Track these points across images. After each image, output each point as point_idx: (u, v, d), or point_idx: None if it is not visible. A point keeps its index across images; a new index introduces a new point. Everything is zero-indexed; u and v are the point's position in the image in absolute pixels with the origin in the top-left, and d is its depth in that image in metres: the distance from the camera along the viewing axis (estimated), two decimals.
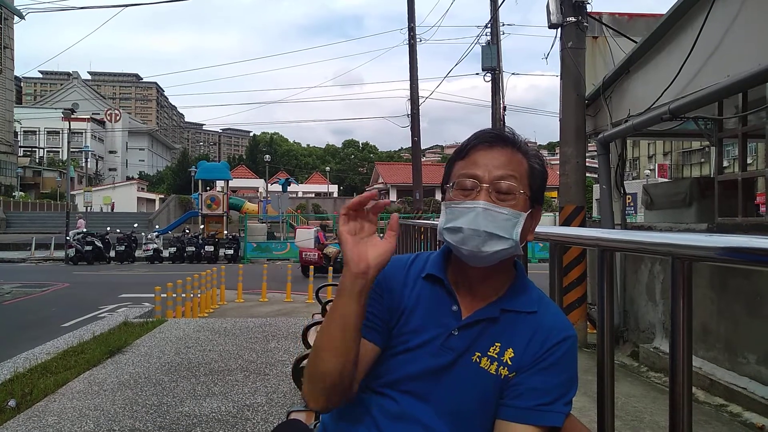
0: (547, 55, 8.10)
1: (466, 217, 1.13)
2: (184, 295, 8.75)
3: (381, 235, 1.13)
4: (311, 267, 12.39)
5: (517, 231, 1.14)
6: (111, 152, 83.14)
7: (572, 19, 6.54)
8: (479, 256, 1.14)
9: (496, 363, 1.17)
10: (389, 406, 1.18)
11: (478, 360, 1.17)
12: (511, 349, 1.17)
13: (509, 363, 1.17)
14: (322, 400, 1.13)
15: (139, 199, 56.63)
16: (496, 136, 1.20)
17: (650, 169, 45.74)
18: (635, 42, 6.29)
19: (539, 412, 1.12)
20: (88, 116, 72.52)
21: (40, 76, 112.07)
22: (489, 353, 1.18)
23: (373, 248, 1.10)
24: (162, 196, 52.83)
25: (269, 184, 46.51)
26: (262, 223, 27.55)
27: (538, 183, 1.20)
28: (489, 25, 17.87)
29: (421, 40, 21.62)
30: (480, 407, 1.16)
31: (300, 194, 54.67)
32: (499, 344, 1.18)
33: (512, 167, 1.16)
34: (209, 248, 20.82)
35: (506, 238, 1.13)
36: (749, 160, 6.37)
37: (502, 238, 1.13)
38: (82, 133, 68.75)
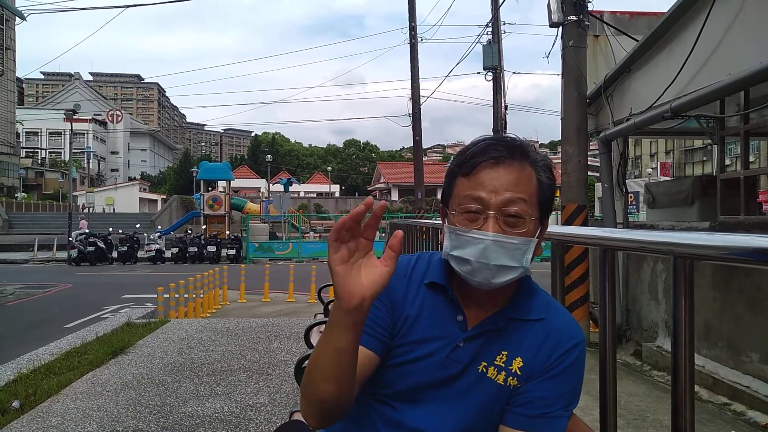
0: (549, 54, 8.09)
1: (474, 249, 1.07)
2: (186, 295, 8.76)
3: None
4: None
5: (528, 258, 1.09)
6: (113, 153, 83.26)
7: (573, 17, 6.53)
8: (489, 286, 1.10)
9: (504, 373, 1.14)
10: (392, 416, 1.16)
11: (484, 369, 1.15)
12: (519, 358, 1.14)
13: (518, 373, 1.14)
14: (320, 421, 1.08)
15: (141, 199, 56.71)
16: (503, 150, 1.10)
17: (652, 168, 45.69)
18: (636, 40, 6.28)
19: (545, 419, 1.11)
20: (90, 117, 72.62)
21: (42, 77, 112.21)
22: (495, 362, 1.15)
23: (368, 274, 0.94)
24: (164, 197, 52.90)
25: (271, 184, 46.59)
26: (264, 223, 27.59)
27: (548, 197, 1.13)
28: (490, 24, 17.85)
29: (422, 40, 21.58)
30: (485, 416, 1.15)
31: (302, 194, 54.72)
32: (506, 353, 1.15)
33: (521, 188, 1.08)
34: (211, 248, 20.84)
35: (516, 267, 1.08)
36: (751, 158, 6.37)
37: (513, 267, 1.08)
38: (84, 134, 68.85)
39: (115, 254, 20.96)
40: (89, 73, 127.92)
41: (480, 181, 1.08)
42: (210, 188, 28.13)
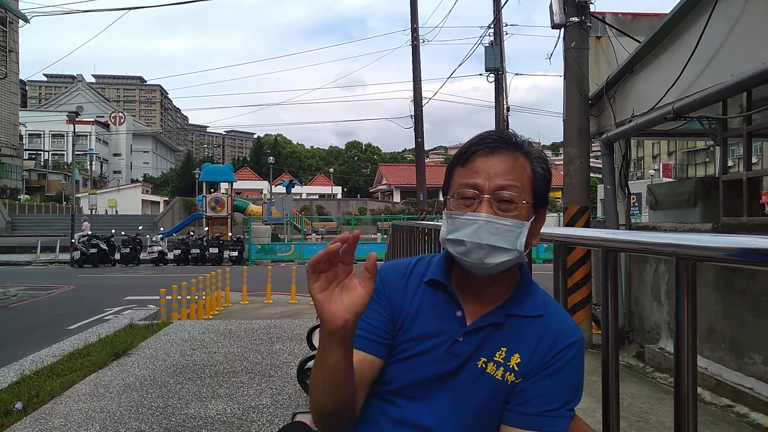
0: (551, 55, 8.12)
1: (468, 230, 1.11)
2: (189, 297, 8.77)
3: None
4: None
5: (521, 241, 1.12)
6: (115, 155, 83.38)
7: (575, 19, 6.53)
8: (483, 267, 1.12)
9: (502, 368, 1.15)
10: (393, 412, 1.18)
11: (483, 365, 1.16)
12: (517, 354, 1.16)
13: (516, 369, 1.15)
14: (327, 429, 1.16)
15: (143, 201, 56.82)
16: (498, 141, 1.15)
17: (654, 169, 45.62)
18: (639, 42, 6.28)
19: (545, 418, 1.11)
20: (93, 119, 72.75)
21: (45, 79, 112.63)
22: (495, 358, 1.16)
23: (348, 297, 0.99)
24: (166, 199, 52.98)
25: (273, 186, 46.57)
26: (267, 224, 27.58)
27: (542, 187, 1.17)
28: (492, 26, 17.86)
29: (424, 41, 21.58)
30: (484, 412, 1.15)
31: (304, 196, 54.72)
32: (504, 349, 1.16)
33: (514, 175, 1.13)
34: (214, 250, 20.87)
35: (510, 249, 1.11)
36: (754, 160, 6.38)
37: (506, 249, 1.11)
38: (86, 135, 69.06)
39: (117, 256, 20.99)
40: (92, 75, 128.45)
41: (475, 169, 1.14)
42: (212, 190, 28.15)
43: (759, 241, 0.87)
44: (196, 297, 8.92)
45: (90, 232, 22.44)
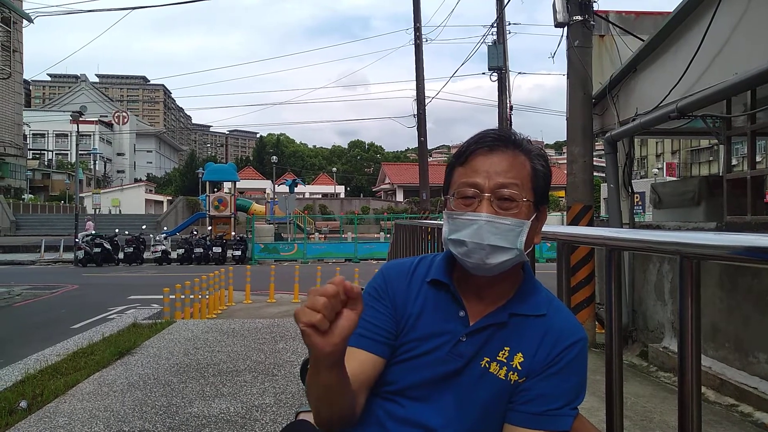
0: (554, 54, 8.07)
1: (469, 230, 1.10)
2: (192, 296, 8.78)
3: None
4: None
5: (522, 240, 1.11)
6: (119, 154, 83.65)
7: (579, 17, 6.52)
8: (484, 268, 1.12)
9: (505, 368, 1.15)
10: (396, 411, 1.18)
11: (486, 365, 1.16)
12: (520, 354, 1.15)
13: (519, 368, 1.15)
14: (329, 430, 1.15)
15: (147, 201, 56.94)
16: (496, 139, 1.15)
17: (658, 168, 45.55)
18: (642, 40, 6.26)
19: (549, 417, 1.11)
20: (96, 119, 72.96)
21: (49, 79, 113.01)
22: (498, 358, 1.16)
23: (335, 322, 0.93)
24: (170, 198, 53.08)
25: (276, 185, 46.63)
26: (270, 224, 27.60)
27: (542, 184, 1.16)
28: (495, 25, 17.84)
29: (427, 40, 21.60)
30: (488, 412, 1.15)
31: (307, 195, 54.70)
32: (508, 348, 1.16)
33: (514, 173, 1.12)
34: (217, 249, 20.89)
35: (510, 248, 1.10)
36: (758, 158, 6.35)
37: (507, 249, 1.10)
38: (90, 135, 69.20)
39: (121, 255, 21.03)
40: (95, 74, 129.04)
41: (475, 168, 1.14)
42: (215, 189, 28.18)
43: (763, 239, 0.87)
44: (200, 296, 8.93)
45: (94, 232, 22.51)
